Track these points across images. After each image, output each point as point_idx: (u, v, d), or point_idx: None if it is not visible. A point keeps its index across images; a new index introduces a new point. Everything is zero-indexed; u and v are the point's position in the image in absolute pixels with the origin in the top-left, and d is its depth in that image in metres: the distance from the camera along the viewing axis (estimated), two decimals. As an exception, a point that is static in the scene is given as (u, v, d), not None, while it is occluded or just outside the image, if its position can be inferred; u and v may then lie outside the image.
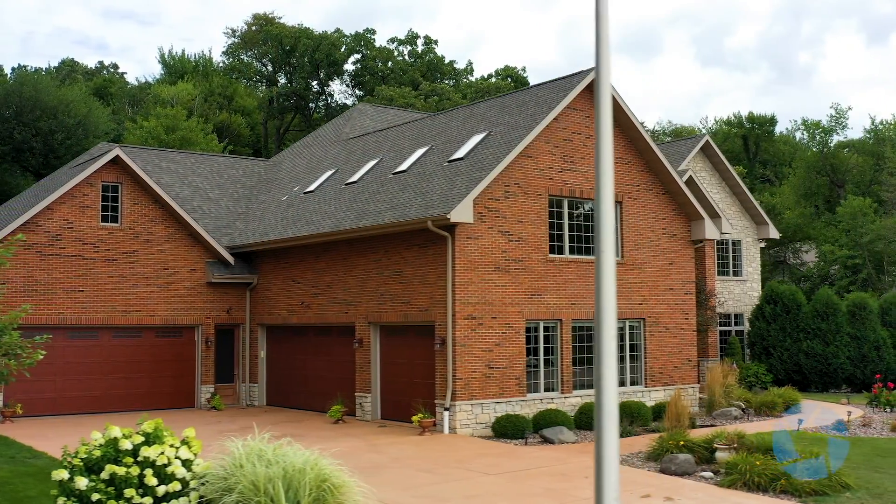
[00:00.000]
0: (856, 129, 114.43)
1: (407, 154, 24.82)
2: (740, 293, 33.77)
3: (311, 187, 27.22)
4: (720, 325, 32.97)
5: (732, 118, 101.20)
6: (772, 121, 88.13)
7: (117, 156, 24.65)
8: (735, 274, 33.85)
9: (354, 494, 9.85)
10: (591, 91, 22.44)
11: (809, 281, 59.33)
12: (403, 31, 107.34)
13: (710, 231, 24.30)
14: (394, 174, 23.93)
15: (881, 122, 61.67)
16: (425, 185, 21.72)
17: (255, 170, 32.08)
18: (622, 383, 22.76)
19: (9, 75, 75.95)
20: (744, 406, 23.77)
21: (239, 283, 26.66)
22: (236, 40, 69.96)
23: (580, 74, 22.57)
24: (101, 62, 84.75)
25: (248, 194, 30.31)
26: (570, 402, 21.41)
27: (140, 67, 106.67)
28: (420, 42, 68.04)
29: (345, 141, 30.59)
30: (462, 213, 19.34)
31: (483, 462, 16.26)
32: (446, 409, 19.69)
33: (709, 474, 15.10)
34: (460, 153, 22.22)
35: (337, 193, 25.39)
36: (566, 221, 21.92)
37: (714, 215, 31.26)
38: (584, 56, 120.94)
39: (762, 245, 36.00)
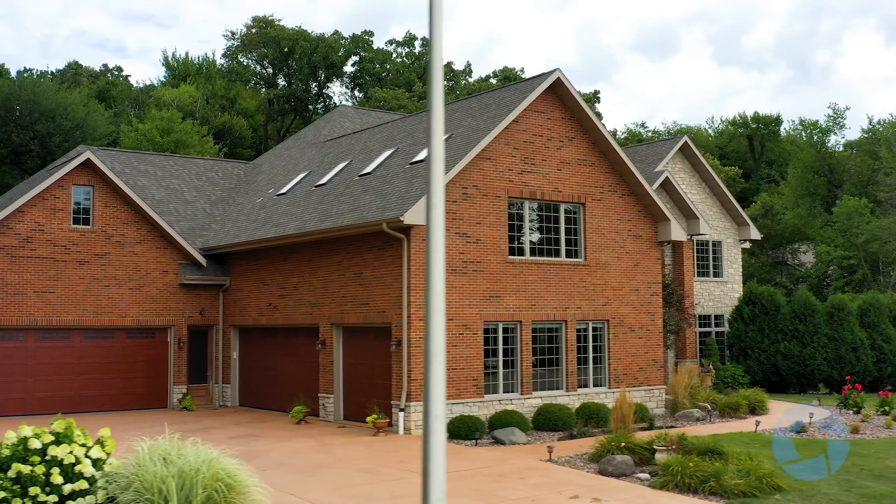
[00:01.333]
0: (854, 130, 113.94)
1: (375, 156, 24.98)
2: (721, 294, 33.71)
3: (284, 189, 27.42)
4: (700, 327, 32.94)
5: (738, 118, 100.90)
6: (777, 121, 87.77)
7: (88, 159, 24.92)
8: (715, 275, 33.78)
9: (252, 494, 9.99)
10: (553, 93, 22.52)
11: (807, 282, 59.13)
12: (419, 33, 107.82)
13: (676, 232, 24.29)
14: (359, 176, 24.09)
15: (879, 122, 61.27)
16: (386, 188, 21.86)
17: (234, 172, 32.32)
18: (585, 384, 22.81)
19: (15, 78, 76.89)
20: (710, 407, 23.76)
21: (212, 285, 26.88)
22: (236, 42, 70.32)
23: (542, 77, 22.65)
24: (105, 65, 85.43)
25: (225, 196, 30.55)
26: (530, 403, 21.49)
27: (156, 70, 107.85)
28: (418, 44, 68.22)
29: (321, 143, 30.79)
30: (416, 215, 19.45)
31: (419, 463, 16.33)
32: (401, 410, 19.82)
33: (645, 476, 15.14)
34: (422, 155, 22.35)
35: (306, 195, 25.58)
36: (527, 223, 21.99)
37: (691, 216, 31.30)
38: (601, 56, 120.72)
39: (746, 246, 35.88)
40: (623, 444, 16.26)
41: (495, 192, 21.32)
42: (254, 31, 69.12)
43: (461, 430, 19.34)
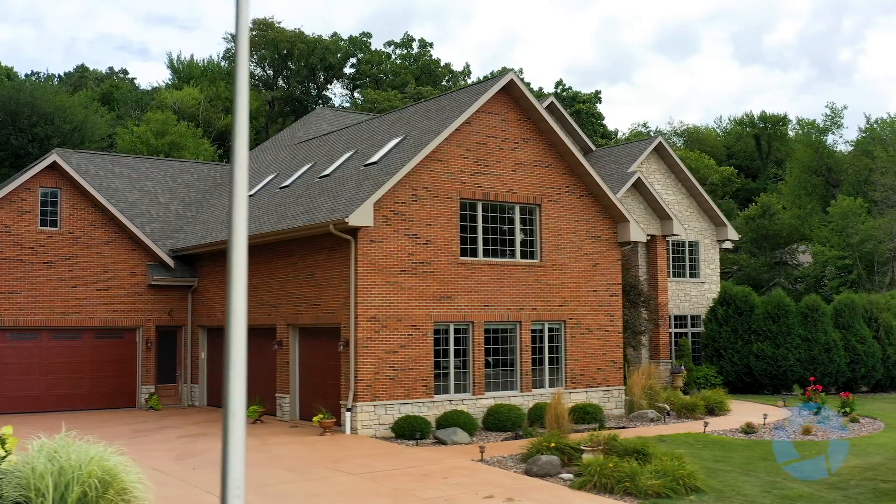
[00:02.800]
0: (852, 129, 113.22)
1: (336, 158, 25.17)
2: (697, 295, 33.63)
3: (252, 191, 27.68)
4: (676, 327, 32.89)
5: (745, 118, 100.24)
6: (784, 120, 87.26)
7: (55, 161, 25.27)
8: (692, 275, 33.71)
9: (134, 491, 10.18)
10: (509, 95, 22.62)
11: (804, 282, 58.78)
12: (439, 33, 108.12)
13: (636, 233, 24.29)
14: (319, 178, 24.29)
15: (876, 121, 60.77)
16: (339, 189, 22.04)
17: (210, 174, 32.62)
18: (541, 385, 22.89)
19: (14, 82, 77.76)
20: (668, 408, 23.76)
21: (180, 286, 27.17)
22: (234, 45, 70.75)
23: (496, 79, 22.75)
24: (110, 68, 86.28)
25: (199, 198, 30.85)
26: (483, 403, 21.58)
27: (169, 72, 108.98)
28: (416, 45, 68.42)
29: (293, 145, 31.04)
30: (361, 216, 19.61)
31: (357, 462, 16.52)
32: (348, 410, 19.98)
33: (569, 476, 15.21)
34: (375, 157, 22.51)
35: (271, 197, 25.81)
36: (480, 224, 22.09)
37: (665, 217, 31.29)
38: (621, 55, 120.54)
39: (728, 246, 35.75)
40: (553, 444, 16.33)
41: (447, 194, 21.44)
42: (254, 33, 69.57)
43: (405, 430, 19.48)
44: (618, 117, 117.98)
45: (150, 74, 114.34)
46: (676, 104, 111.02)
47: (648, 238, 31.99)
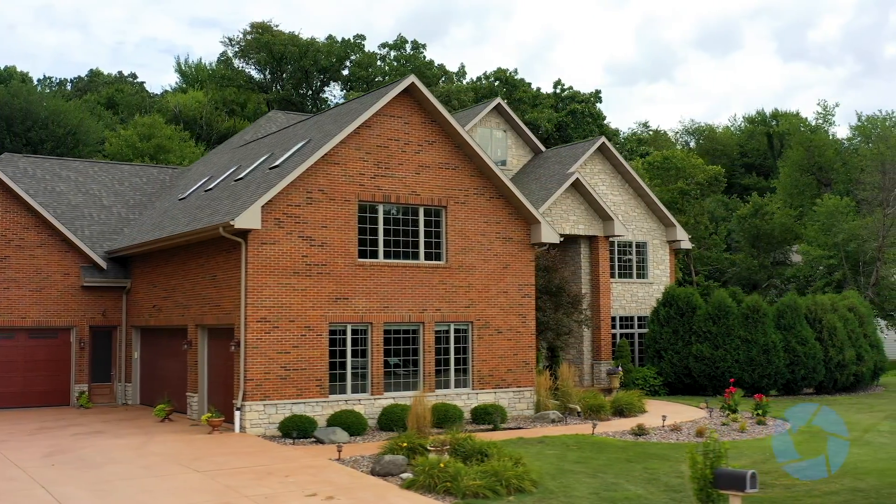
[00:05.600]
0: (843, 127, 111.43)
1: (256, 161, 25.57)
2: (645, 295, 33.53)
3: (185, 194, 28.20)
4: (622, 328, 32.82)
5: (756, 115, 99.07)
6: (797, 117, 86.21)
7: (-14, 166, 26.01)
8: (640, 276, 33.61)
9: None
10: (411, 97, 22.82)
11: (794, 282, 58.07)
12: (478, 33, 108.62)
13: (548, 235, 24.35)
14: (234, 181, 24.71)
15: (867, 119, 59.78)
16: (242, 192, 22.43)
17: (160, 177, 33.24)
18: (446, 385, 23.06)
19: (38, 86, 79.59)
20: (579, 409, 23.81)
21: (114, 287, 27.77)
22: (233, 49, 71.65)
23: (396, 82, 22.97)
24: (119, 72, 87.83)
25: (145, 201, 31.47)
26: (381, 403, 21.82)
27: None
28: (408, 46, 68.73)
29: (235, 148, 31.53)
30: (248, 219, 19.96)
31: (216, 460, 16.85)
32: (238, 410, 20.35)
33: (408, 476, 15.40)
34: (279, 160, 22.87)
35: (196, 200, 26.28)
36: (381, 226, 22.33)
37: (607, 217, 31.26)
38: (662, 53, 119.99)
39: (688, 246, 35.49)
40: (405, 444, 16.55)
41: (344, 196, 21.71)
42: (249, 36, 70.42)
43: (290, 429, 19.79)
44: (659, 115, 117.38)
45: (165, 78, 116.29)
46: (719, 102, 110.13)
47: (590, 238, 32.02)
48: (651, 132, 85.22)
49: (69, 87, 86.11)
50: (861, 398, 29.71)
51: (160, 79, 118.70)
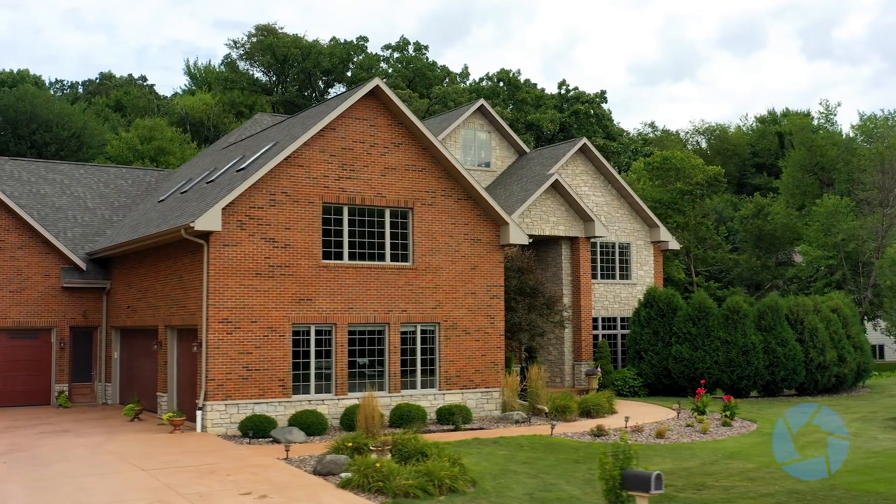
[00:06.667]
0: (845, 128, 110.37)
1: (229, 163, 25.84)
2: (628, 296, 33.48)
3: (164, 196, 28.53)
4: (604, 329, 32.81)
5: (767, 115, 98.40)
6: (807, 116, 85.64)
7: (-34, 169, 26.46)
8: (623, 277, 33.57)
9: None
10: (377, 100, 22.99)
11: (796, 283, 57.72)
12: (499, 33, 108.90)
13: (517, 236, 24.43)
14: (206, 183, 25.00)
15: (867, 118, 59.28)
16: (209, 194, 22.69)
17: (146, 180, 33.64)
18: (412, 386, 23.19)
19: (52, 91, 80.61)
20: (546, 409, 23.87)
21: (94, 288, 28.15)
22: (237, 52, 72.22)
23: (361, 85, 23.14)
24: (129, 74, 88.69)
25: (129, 203, 31.86)
26: (345, 403, 21.98)
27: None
28: (411, 48, 68.98)
29: (218, 151, 31.84)
30: (209, 221, 20.20)
31: (166, 459, 17.08)
32: (199, 409, 20.60)
33: (347, 475, 15.56)
34: (246, 163, 23.12)
35: (172, 202, 26.59)
36: (346, 228, 22.50)
37: (587, 218, 31.28)
38: (685, 52, 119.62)
39: (675, 247, 35.39)
40: (350, 444, 16.72)
41: (308, 198, 21.91)
42: (254, 39, 70.95)
43: (249, 428, 20.01)
44: (682, 115, 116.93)
45: (178, 80, 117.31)
46: (743, 101, 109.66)
47: (571, 239, 32.04)
48: (658, 133, 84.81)
49: (81, 90, 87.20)
50: (841, 400, 29.53)
51: (175, 81, 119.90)
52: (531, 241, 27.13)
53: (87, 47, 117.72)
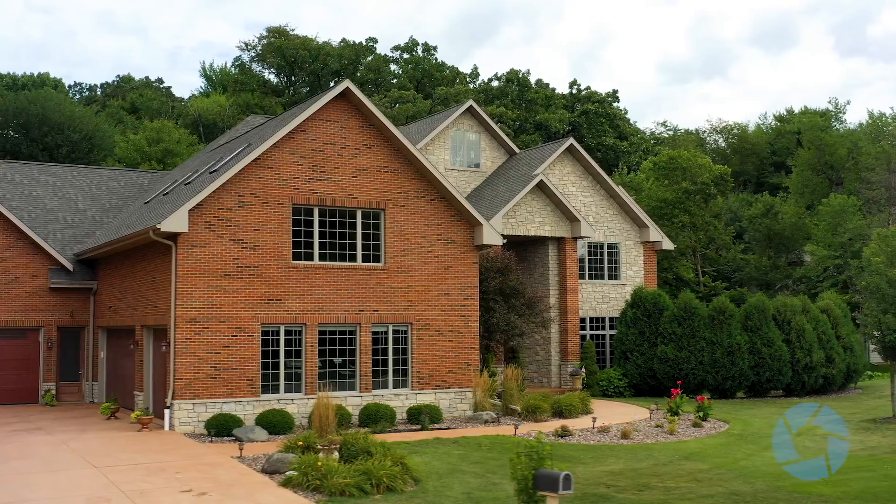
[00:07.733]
0: (854, 125, 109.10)
1: (206, 164, 26.15)
2: (617, 296, 33.40)
3: (150, 198, 28.92)
4: (592, 329, 32.76)
5: (784, 115, 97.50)
6: (825, 115, 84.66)
7: (-46, 172, 27.02)
8: (612, 277, 33.49)
9: None
10: (348, 102, 23.17)
11: (805, 283, 57.13)
12: (527, 32, 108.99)
13: (490, 237, 24.49)
14: (185, 185, 25.32)
15: (876, 117, 58.47)
16: (183, 195, 22.98)
17: (138, 181, 34.09)
18: (384, 386, 23.34)
19: (72, 94, 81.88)
20: (518, 409, 23.92)
21: (81, 288, 28.60)
22: (248, 53, 72.82)
23: (331, 87, 23.32)
24: (146, 76, 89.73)
25: (120, 204, 32.31)
26: (314, 403, 22.14)
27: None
28: (419, 49, 69.15)
29: (208, 152, 32.20)
30: (176, 222, 20.50)
31: (123, 457, 17.37)
32: (167, 408, 20.90)
33: (292, 473, 15.74)
34: (220, 164, 23.39)
35: (155, 203, 26.96)
36: (316, 229, 22.70)
37: (574, 219, 31.27)
38: (716, 50, 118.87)
39: (669, 248, 35.24)
40: (301, 443, 16.90)
41: (277, 200, 22.13)
42: (265, 41, 71.51)
43: (215, 427, 20.26)
44: (713, 114, 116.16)
45: (195, 82, 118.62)
46: (776, 99, 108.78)
47: (557, 239, 32.03)
48: (670, 132, 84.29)
49: (99, 93, 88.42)
50: (826, 401, 29.25)
51: (195, 83, 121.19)
52: (505, 241, 27.17)
53: (120, 50, 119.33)
